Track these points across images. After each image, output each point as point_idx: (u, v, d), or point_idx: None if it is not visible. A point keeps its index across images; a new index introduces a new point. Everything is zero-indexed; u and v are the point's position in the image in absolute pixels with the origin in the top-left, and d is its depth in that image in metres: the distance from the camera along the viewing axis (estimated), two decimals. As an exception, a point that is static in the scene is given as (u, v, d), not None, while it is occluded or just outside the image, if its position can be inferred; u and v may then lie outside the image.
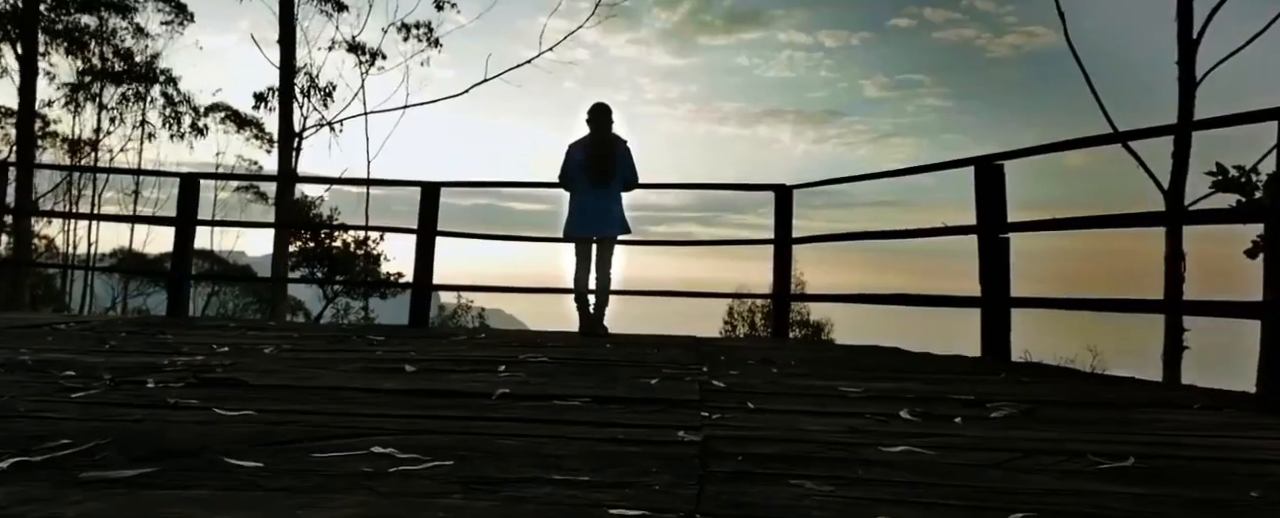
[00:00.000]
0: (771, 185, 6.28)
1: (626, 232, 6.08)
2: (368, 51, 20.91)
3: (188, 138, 20.82)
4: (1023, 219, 4.48)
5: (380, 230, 7.02)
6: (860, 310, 6.89)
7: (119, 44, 21.03)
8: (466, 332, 6.31)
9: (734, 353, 4.69)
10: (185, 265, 6.55)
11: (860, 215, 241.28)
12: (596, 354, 4.37)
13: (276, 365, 3.59)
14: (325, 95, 19.19)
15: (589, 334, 5.92)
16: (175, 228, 6.61)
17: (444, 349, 4.48)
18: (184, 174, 6.69)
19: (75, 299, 21.94)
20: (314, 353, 4.19)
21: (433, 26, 22.14)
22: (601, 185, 5.94)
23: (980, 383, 3.53)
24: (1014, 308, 4.45)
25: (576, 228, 6.00)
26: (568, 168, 6.06)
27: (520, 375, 3.45)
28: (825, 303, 5.80)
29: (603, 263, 6.06)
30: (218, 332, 5.32)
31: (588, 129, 6.11)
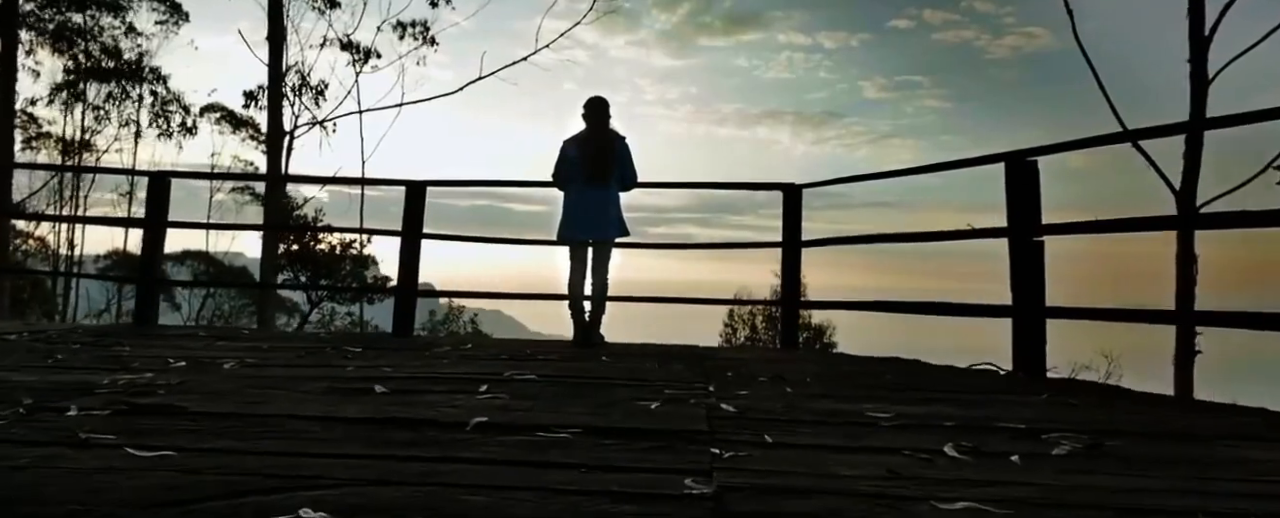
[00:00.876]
0: (779, 185, 5.87)
1: (624, 234, 5.68)
2: (361, 50, 20.54)
3: (176, 137, 20.37)
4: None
5: (361, 232, 6.61)
6: (865, 313, 6.51)
7: (107, 42, 20.64)
8: (454, 341, 5.90)
9: (741, 367, 4.29)
10: (153, 270, 6.14)
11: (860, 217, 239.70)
12: (591, 370, 3.96)
13: (228, 386, 3.18)
14: (317, 94, 18.80)
15: (584, 345, 5.52)
16: (144, 230, 6.19)
17: (423, 364, 4.08)
18: (153, 173, 6.28)
19: (70, 302, 21.49)
20: (278, 369, 3.78)
21: (428, 25, 21.81)
22: (598, 184, 5.54)
23: (1024, 407, 3.13)
24: (1050, 319, 4.04)
25: (570, 230, 5.60)
26: (561, 165, 5.66)
27: (503, 398, 3.04)
28: (837, 310, 5.37)
29: (599, 268, 5.66)
30: (182, 342, 4.92)
31: (583, 124, 5.71)
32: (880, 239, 5.01)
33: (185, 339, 5.09)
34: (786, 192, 5.87)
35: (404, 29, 21.72)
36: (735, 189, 6.07)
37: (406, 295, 6.08)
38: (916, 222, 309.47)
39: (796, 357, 5.16)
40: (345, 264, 9.67)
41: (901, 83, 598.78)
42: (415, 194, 6.14)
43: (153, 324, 6.17)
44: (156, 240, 6.17)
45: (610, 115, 5.70)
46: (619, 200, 5.68)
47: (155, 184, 6.23)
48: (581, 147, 5.60)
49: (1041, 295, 4.05)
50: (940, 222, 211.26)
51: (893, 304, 4.90)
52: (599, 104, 5.67)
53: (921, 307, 4.68)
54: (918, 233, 4.64)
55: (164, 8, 21.72)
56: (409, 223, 6.12)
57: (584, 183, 5.54)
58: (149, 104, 20.80)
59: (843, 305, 5.36)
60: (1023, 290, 4.08)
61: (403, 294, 6.08)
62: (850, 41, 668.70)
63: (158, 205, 6.22)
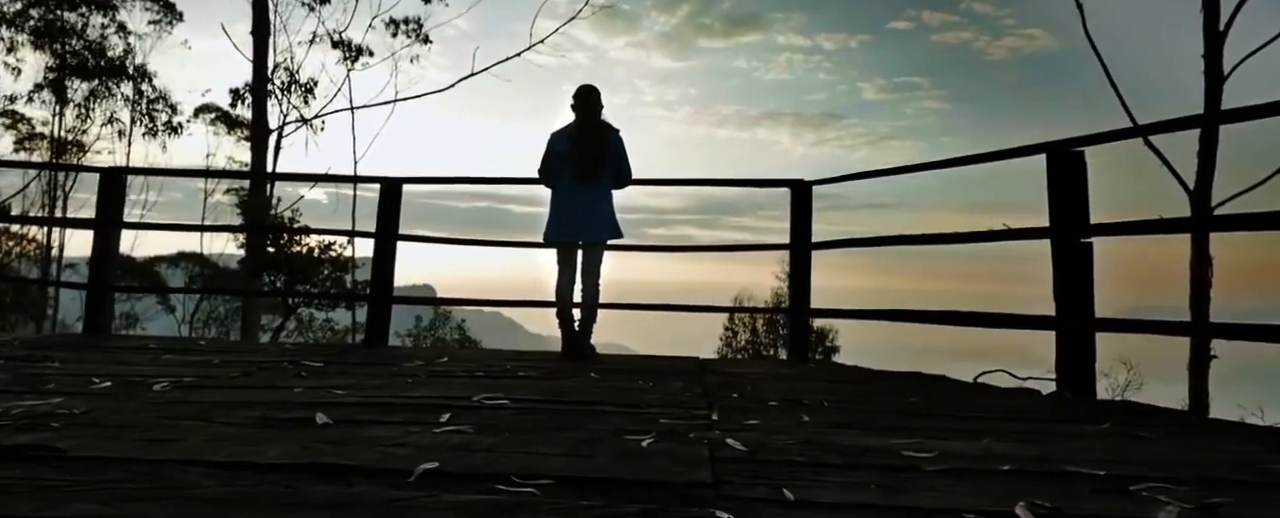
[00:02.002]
0: (788, 181, 5.37)
1: (617, 235, 5.18)
2: (352, 47, 20.07)
3: (161, 136, 19.85)
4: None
5: (329, 233, 6.13)
6: None
7: (91, 39, 20.12)
8: (431, 352, 5.40)
9: (747, 385, 3.79)
10: (106, 274, 5.63)
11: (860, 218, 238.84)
12: (575, 392, 3.46)
13: (143, 417, 2.68)
14: (306, 91, 18.32)
15: (573, 357, 5.02)
16: (93, 231, 5.69)
17: (384, 384, 3.57)
18: (104, 169, 5.77)
19: (63, 307, 20.92)
20: (214, 392, 3.28)
21: (422, 22, 21.33)
22: (588, 181, 5.05)
23: (1088, 441, 2.63)
24: (1099, 332, 3.54)
25: (558, 230, 5.11)
26: (549, 161, 5.17)
27: (466, 431, 2.54)
28: (853, 319, 4.87)
29: (589, 272, 5.17)
30: (125, 356, 4.41)
31: (573, 115, 5.22)
32: (901, 241, 4.51)
33: (130, 353, 4.59)
34: (795, 189, 5.37)
35: (397, 26, 21.31)
36: (741, 186, 5.58)
37: (380, 302, 5.58)
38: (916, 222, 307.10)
39: (806, 371, 4.66)
40: (324, 267, 9.15)
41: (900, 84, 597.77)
42: (391, 193, 5.64)
43: (105, 334, 5.66)
44: (107, 243, 5.67)
45: (602, 106, 5.21)
46: (612, 199, 5.20)
47: (107, 182, 5.72)
48: (571, 140, 5.11)
49: (1090, 305, 3.55)
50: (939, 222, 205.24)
51: (920, 314, 4.39)
52: (589, 94, 5.18)
53: (951, 317, 4.17)
54: (948, 234, 4.14)
55: (157, 7, 21.28)
56: (384, 224, 5.62)
57: (573, 180, 5.06)
58: (134, 102, 20.26)
59: (862, 314, 4.86)
60: (1069, 299, 3.58)
61: (377, 301, 5.58)
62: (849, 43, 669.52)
63: (109, 205, 5.72)
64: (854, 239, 5.01)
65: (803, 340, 5.23)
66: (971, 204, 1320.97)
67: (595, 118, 5.17)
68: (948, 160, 4.24)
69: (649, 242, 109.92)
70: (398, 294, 5.75)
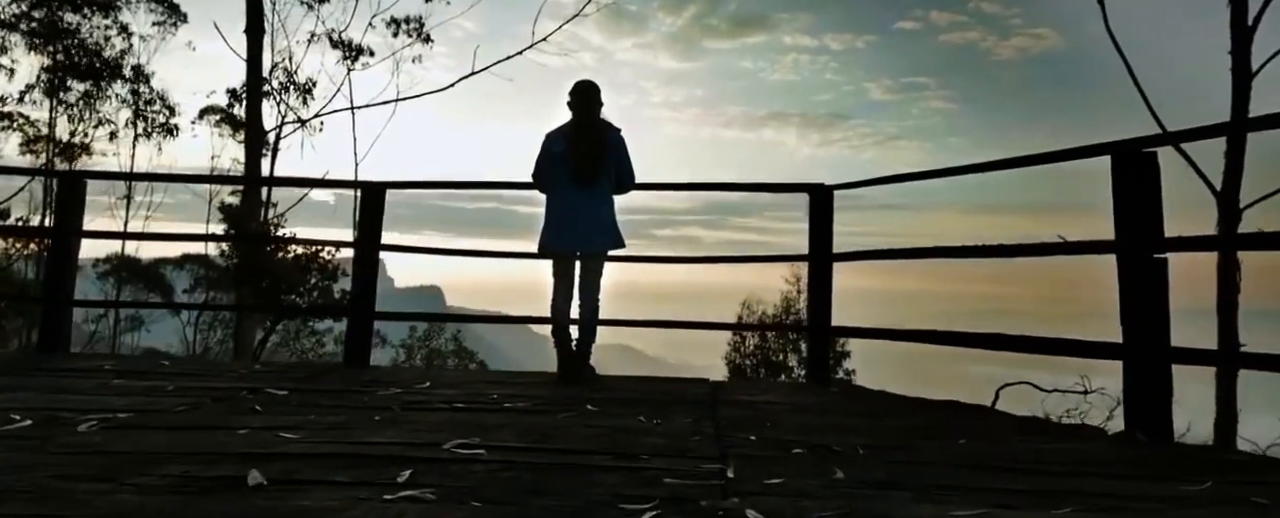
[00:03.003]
0: (807, 186, 4.88)
1: (619, 244, 4.71)
2: (352, 47, 19.66)
3: (156, 138, 19.46)
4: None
5: (304, 243, 5.68)
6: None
7: (87, 39, 19.75)
8: (413, 375, 4.93)
9: (764, 421, 3.30)
10: (62, 286, 5.18)
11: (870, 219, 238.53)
12: (564, 435, 2.98)
13: (35, 474, 2.21)
14: (304, 92, 17.91)
15: (570, 380, 4.55)
16: (52, 239, 5.24)
17: (348, 421, 3.10)
18: (62, 173, 5.32)
19: (76, 313, 20.38)
20: (146, 432, 2.81)
21: (423, 21, 20.91)
22: (587, 185, 4.57)
23: (1188, 509, 2.13)
24: (1176, 364, 3.03)
25: (555, 240, 4.64)
26: (544, 163, 4.70)
27: (428, 498, 2.06)
28: (883, 339, 4.36)
29: (588, 285, 4.69)
30: (68, 382, 3.95)
31: (569, 114, 4.75)
32: (939, 253, 4.00)
33: (77, 379, 4.12)
34: (814, 194, 4.87)
35: (398, 25, 20.89)
36: (758, 191, 5.10)
37: (361, 319, 5.11)
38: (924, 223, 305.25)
39: (830, 401, 4.16)
40: (310, 276, 8.69)
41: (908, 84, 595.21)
42: (373, 199, 5.17)
43: (62, 353, 5.20)
44: (65, 253, 5.21)
45: (601, 103, 4.74)
46: (613, 204, 4.72)
47: (67, 187, 5.27)
48: (567, 140, 4.63)
49: (1165, 332, 3.05)
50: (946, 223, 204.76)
51: (965, 337, 3.87)
52: (587, 89, 4.70)
53: (1001, 340, 3.66)
54: (999, 246, 3.63)
55: (161, 9, 20.93)
56: (365, 232, 5.15)
57: (571, 183, 4.58)
58: (129, 103, 19.88)
59: (894, 335, 4.34)
60: (1140, 325, 3.08)
61: (357, 318, 5.11)
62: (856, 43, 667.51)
63: (68, 211, 5.26)
64: (883, 251, 4.50)
65: (823, 361, 4.73)
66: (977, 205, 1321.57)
67: (594, 116, 4.69)
68: (1000, 162, 3.73)
69: (655, 243, 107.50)
70: (403, 294, 5.27)
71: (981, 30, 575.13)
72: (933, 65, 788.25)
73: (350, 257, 5.31)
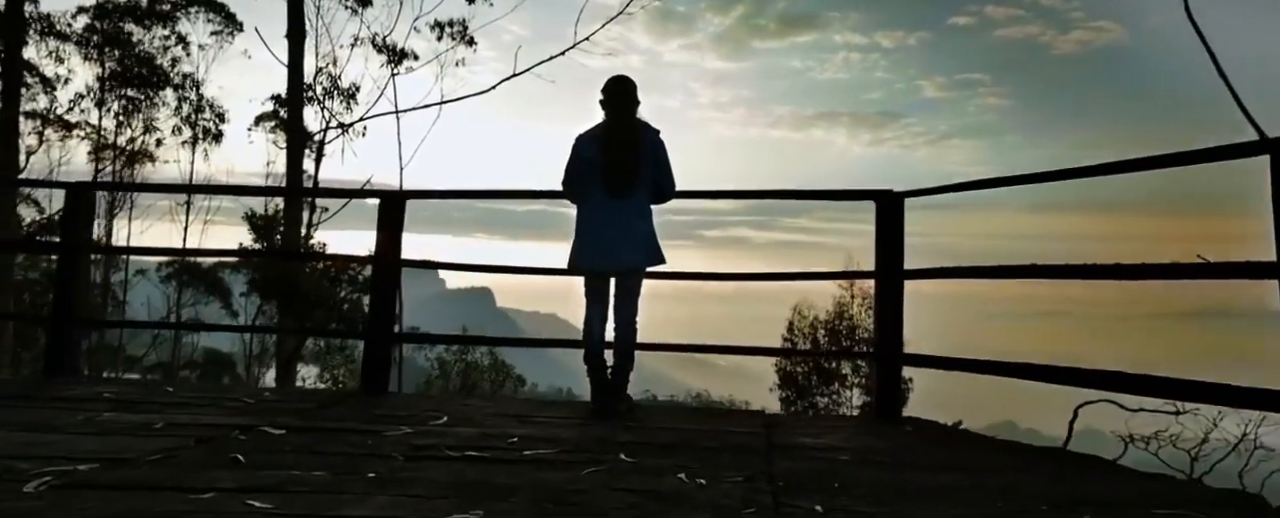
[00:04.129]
0: (873, 193, 4.29)
1: (658, 260, 4.20)
2: (396, 51, 19.53)
3: (202, 144, 19.61)
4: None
5: (320, 258, 5.31)
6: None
7: (143, 50, 20.02)
8: (430, 405, 4.48)
9: (833, 478, 2.74)
10: (70, 304, 4.86)
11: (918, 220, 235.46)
12: (588, 501, 2.46)
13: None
14: (347, 97, 17.80)
15: (604, 413, 4.06)
16: (59, 255, 4.93)
17: (334, 481, 2.63)
18: (71, 185, 5.02)
19: (134, 310, 20.64)
20: (97, 493, 2.39)
21: (467, 24, 20.71)
22: (621, 194, 4.07)
23: None
24: None
25: (586, 257, 4.14)
26: (574, 170, 4.21)
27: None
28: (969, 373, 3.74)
29: (624, 306, 4.19)
30: (51, 417, 3.59)
31: (603, 114, 4.25)
32: (1045, 273, 3.37)
33: (63, 411, 3.76)
34: (881, 202, 4.28)
35: (442, 29, 20.72)
36: (820, 199, 4.53)
37: (378, 343, 4.68)
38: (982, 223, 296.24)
39: (906, 446, 3.57)
40: (340, 289, 8.35)
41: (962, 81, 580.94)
42: (391, 209, 4.74)
43: (69, 376, 4.88)
44: (74, 269, 4.90)
45: (638, 101, 4.23)
46: (650, 216, 4.20)
47: (74, 199, 4.96)
48: (600, 144, 4.14)
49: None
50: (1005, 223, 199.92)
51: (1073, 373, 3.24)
52: (621, 86, 4.20)
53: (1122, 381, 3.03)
54: (1118, 266, 2.99)
55: (219, 18, 21.19)
56: (385, 246, 4.72)
57: (604, 193, 4.08)
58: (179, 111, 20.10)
59: (984, 368, 3.70)
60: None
61: (375, 341, 4.68)
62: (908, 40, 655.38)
63: (77, 224, 4.96)
64: (970, 269, 3.85)
65: (893, 395, 4.13)
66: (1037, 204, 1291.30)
67: (630, 116, 4.19)
68: (1125, 163, 3.08)
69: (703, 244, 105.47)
70: (454, 296, 4.83)
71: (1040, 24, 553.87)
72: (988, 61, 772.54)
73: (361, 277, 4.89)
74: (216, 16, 21.32)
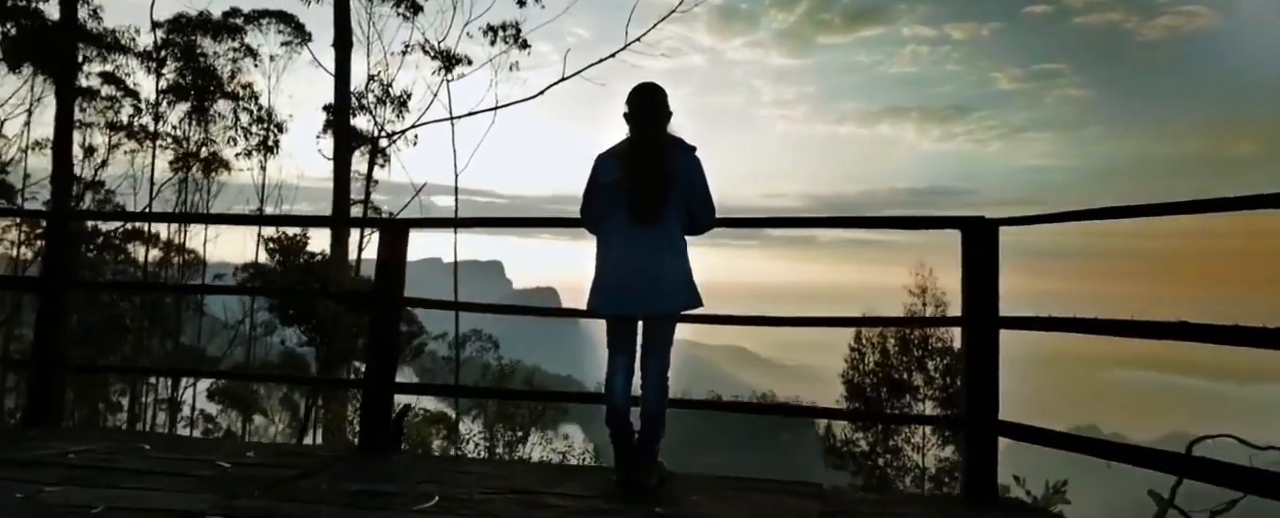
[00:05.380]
0: (959, 219, 3.48)
1: (693, 303, 3.50)
2: (449, 57, 19.27)
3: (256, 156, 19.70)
4: None
5: (328, 297, 4.77)
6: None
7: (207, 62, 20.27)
8: (438, 470, 3.86)
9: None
10: (52, 345, 4.41)
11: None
12: None
13: None
14: (399, 105, 17.58)
15: (631, 485, 3.38)
16: (41, 294, 4.49)
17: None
18: (50, 213, 4.59)
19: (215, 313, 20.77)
20: None
21: (520, 28, 20.33)
22: (648, 222, 3.38)
23: None
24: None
25: (607, 299, 3.46)
26: (593, 195, 3.54)
27: None
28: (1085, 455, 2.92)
29: (653, 358, 3.50)
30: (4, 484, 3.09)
31: (626, 127, 3.56)
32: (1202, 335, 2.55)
33: (11, 483, 3.27)
34: (969, 230, 3.47)
35: (495, 33, 20.37)
36: (901, 228, 3.77)
37: (378, 396, 4.09)
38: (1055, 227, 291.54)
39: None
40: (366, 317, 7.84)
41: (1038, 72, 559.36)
42: (393, 241, 4.14)
43: (48, 425, 4.42)
44: (55, 307, 4.45)
45: (669, 112, 3.53)
46: (684, 249, 3.50)
47: (55, 230, 4.52)
48: (623, 163, 3.45)
49: None
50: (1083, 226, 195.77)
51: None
52: (647, 95, 3.51)
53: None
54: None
55: (289, 29, 21.39)
56: (385, 283, 4.13)
57: (628, 220, 3.39)
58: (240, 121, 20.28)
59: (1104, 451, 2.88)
60: None
61: (373, 394, 4.09)
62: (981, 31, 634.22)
63: (58, 257, 4.52)
64: (1087, 321, 3.02)
65: (987, 471, 3.31)
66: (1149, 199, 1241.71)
67: (658, 130, 3.49)
68: None
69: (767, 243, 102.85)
70: (519, 295, 4.23)
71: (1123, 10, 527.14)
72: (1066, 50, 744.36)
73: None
74: (286, 28, 21.54)
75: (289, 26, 21.52)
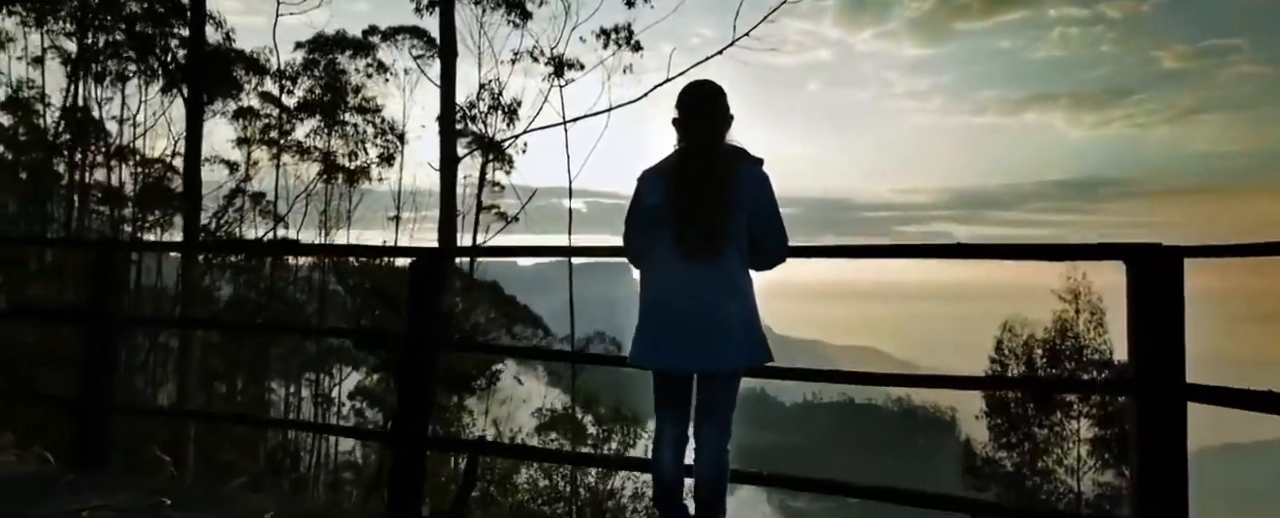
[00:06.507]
0: (1124, 247, 2.56)
1: (760, 358, 2.76)
2: (560, 62, 19.14)
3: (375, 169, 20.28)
4: None
5: (339, 333, 4.42)
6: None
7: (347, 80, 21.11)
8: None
9: None
10: (99, 386, 4.20)
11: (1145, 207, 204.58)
12: None
13: None
14: (509, 113, 17.54)
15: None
16: (87, 324, 4.29)
17: None
18: (97, 241, 4.39)
19: None
20: None
21: (632, 29, 19.97)
22: (703, 256, 2.67)
23: None
24: None
25: (649, 350, 2.77)
26: (635, 222, 2.87)
27: None
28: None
29: (709, 425, 2.79)
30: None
31: (676, 135, 2.87)
32: None
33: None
34: (1134, 261, 2.54)
35: (608, 36, 20.08)
36: (1055, 259, 2.89)
37: (408, 449, 3.59)
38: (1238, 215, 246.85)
39: None
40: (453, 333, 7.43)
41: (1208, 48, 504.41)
42: (426, 277, 3.63)
43: (96, 471, 4.21)
44: (104, 341, 4.24)
45: (729, 114, 2.81)
46: (748, 289, 2.76)
47: (102, 260, 4.31)
48: (670, 183, 2.76)
49: None
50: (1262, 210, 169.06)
51: None
52: (700, 96, 2.81)
53: None
54: None
55: (421, 43, 22.11)
56: (418, 321, 3.62)
57: (676, 253, 2.69)
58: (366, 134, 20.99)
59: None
60: None
61: (404, 447, 3.60)
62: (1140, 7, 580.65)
63: (106, 291, 4.30)
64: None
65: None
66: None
67: (713, 142, 2.77)
68: None
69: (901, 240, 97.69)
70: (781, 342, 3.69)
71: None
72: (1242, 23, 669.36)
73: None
74: (418, 42, 22.23)
75: (421, 41, 22.16)
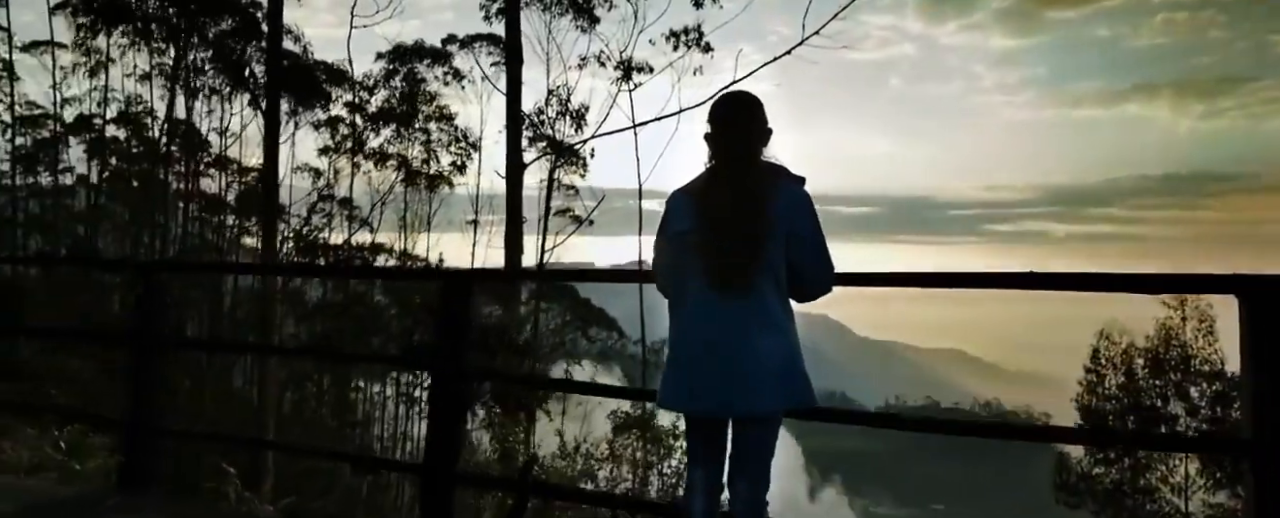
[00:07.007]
0: (1238, 279, 2.15)
1: (801, 399, 2.47)
2: (629, 66, 19.04)
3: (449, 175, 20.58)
4: None
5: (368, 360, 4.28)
6: None
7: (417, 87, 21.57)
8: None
9: None
10: (142, 410, 4.21)
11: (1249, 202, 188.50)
12: None
13: None
14: (577, 119, 17.52)
15: None
16: (133, 349, 4.31)
17: None
18: (141, 263, 4.41)
19: None
20: None
21: (702, 30, 19.74)
22: (735, 288, 2.40)
23: None
24: None
25: (681, 391, 2.51)
26: (664, 250, 2.62)
27: None
28: None
29: (743, 475, 2.51)
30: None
31: (707, 151, 2.60)
32: None
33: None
34: (1247, 294, 2.14)
35: (677, 38, 19.88)
36: (1148, 292, 2.51)
37: (439, 481, 3.42)
38: None
39: None
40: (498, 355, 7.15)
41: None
42: (456, 297, 3.47)
43: (142, 489, 4.22)
44: (150, 363, 4.26)
45: (766, 129, 2.54)
46: (788, 324, 2.47)
47: (149, 281, 4.33)
48: (701, 206, 2.49)
49: None
50: None
51: None
52: (732, 108, 2.55)
53: None
54: None
55: (498, 50, 22.50)
56: (450, 342, 3.46)
57: (706, 284, 2.43)
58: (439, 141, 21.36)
59: None
60: None
61: (435, 478, 3.44)
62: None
63: (151, 310, 4.32)
64: None
65: None
66: None
67: (747, 159, 2.49)
68: None
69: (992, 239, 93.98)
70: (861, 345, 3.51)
71: None
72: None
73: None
74: (495, 49, 22.59)
75: (498, 48, 22.49)
